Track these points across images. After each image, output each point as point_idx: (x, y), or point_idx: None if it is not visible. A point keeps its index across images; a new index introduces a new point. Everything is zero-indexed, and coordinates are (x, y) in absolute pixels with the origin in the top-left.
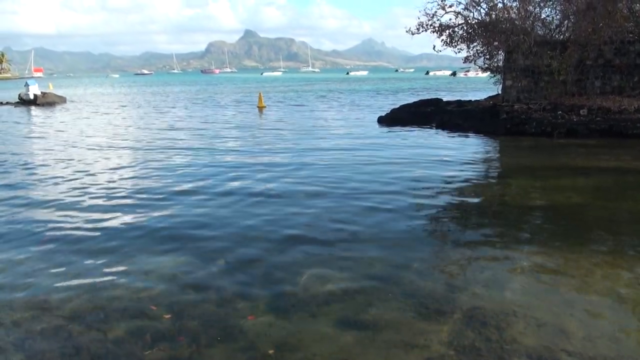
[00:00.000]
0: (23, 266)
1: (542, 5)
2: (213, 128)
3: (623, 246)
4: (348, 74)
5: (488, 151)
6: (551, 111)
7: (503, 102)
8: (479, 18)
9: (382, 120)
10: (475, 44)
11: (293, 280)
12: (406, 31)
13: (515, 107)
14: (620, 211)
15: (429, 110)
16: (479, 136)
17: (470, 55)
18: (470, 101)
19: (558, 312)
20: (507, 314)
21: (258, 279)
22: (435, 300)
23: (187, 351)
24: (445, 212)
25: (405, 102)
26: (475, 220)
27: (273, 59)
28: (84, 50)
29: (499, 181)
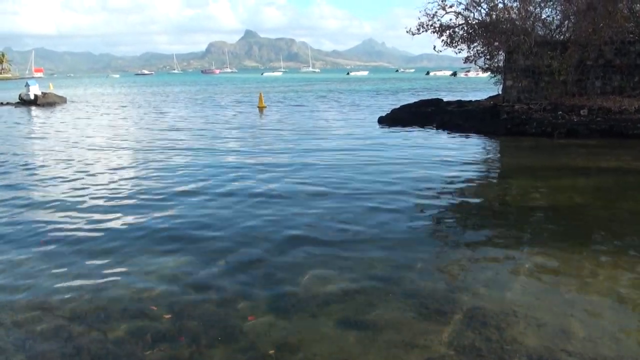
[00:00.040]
0: (24, 267)
1: (543, 5)
2: (213, 128)
3: (624, 246)
4: (348, 74)
5: (488, 151)
6: (551, 111)
7: (503, 103)
8: (480, 18)
9: (383, 121)
10: (475, 44)
11: (294, 281)
12: (407, 31)
13: (516, 108)
14: (621, 211)
15: (429, 110)
16: (480, 136)
17: (470, 56)
18: (470, 101)
19: (558, 313)
20: (508, 314)
21: (259, 280)
22: (436, 301)
23: (188, 351)
24: (446, 213)
25: (405, 103)
26: (476, 220)
27: (273, 59)
28: (85, 51)
29: (500, 181)
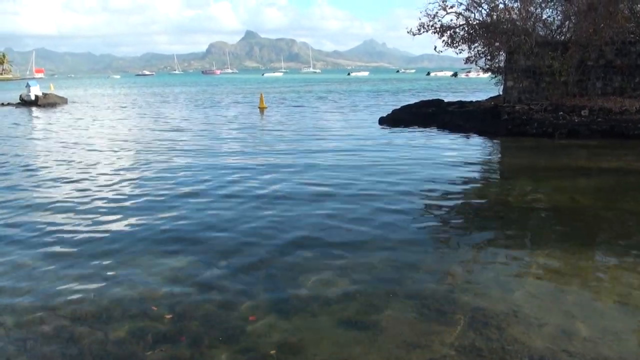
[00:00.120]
0: (25, 268)
1: (544, 6)
2: (214, 129)
3: (625, 247)
4: (349, 74)
5: (489, 152)
6: (552, 112)
7: (504, 103)
8: (480, 19)
9: (384, 121)
10: (476, 44)
11: (295, 281)
12: (407, 32)
13: (517, 108)
14: (622, 212)
15: (430, 111)
16: (481, 137)
17: (471, 56)
18: (471, 102)
19: (560, 313)
20: (509, 314)
21: (260, 280)
22: (437, 301)
23: (189, 352)
24: (448, 214)
25: (406, 103)
26: (478, 221)
27: (274, 59)
28: (85, 51)
29: (501, 182)
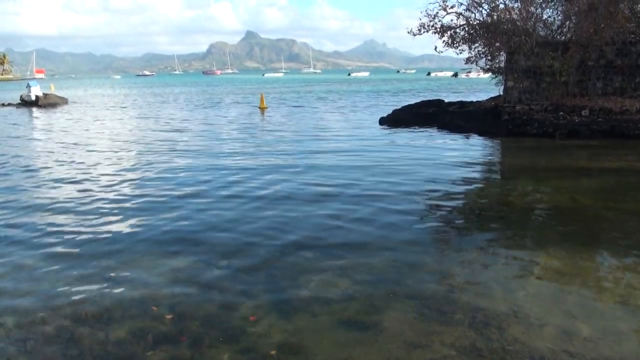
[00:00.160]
0: (26, 269)
1: (544, 6)
2: (215, 129)
3: (626, 247)
4: (350, 75)
5: (490, 152)
6: (553, 112)
7: (505, 103)
8: (481, 19)
9: (384, 122)
10: (476, 45)
11: (296, 281)
12: (408, 32)
13: (517, 108)
14: (623, 212)
15: (430, 111)
16: (481, 137)
17: (472, 56)
18: (472, 102)
19: (560, 313)
20: (509, 314)
21: (261, 281)
22: (437, 301)
23: (189, 352)
24: (449, 214)
25: (407, 103)
26: (478, 221)
27: (274, 60)
28: (86, 52)
29: (502, 182)
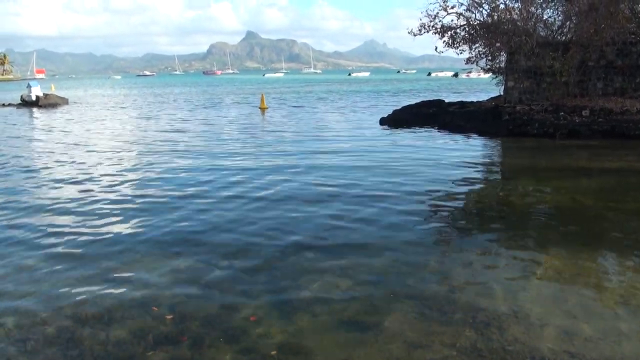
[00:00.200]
0: (26, 270)
1: (544, 6)
2: (215, 130)
3: (627, 247)
4: (350, 75)
5: (491, 152)
6: (553, 112)
7: (505, 103)
8: (481, 19)
9: (385, 122)
10: (477, 45)
11: (296, 282)
12: (408, 32)
13: (518, 109)
14: (624, 212)
15: (431, 111)
16: (481, 137)
17: (472, 57)
18: (472, 102)
19: (561, 314)
20: (509, 315)
21: (261, 281)
22: (438, 302)
23: (190, 352)
24: (450, 214)
25: (407, 103)
26: (479, 221)
27: (275, 60)
28: (86, 52)
29: (502, 182)
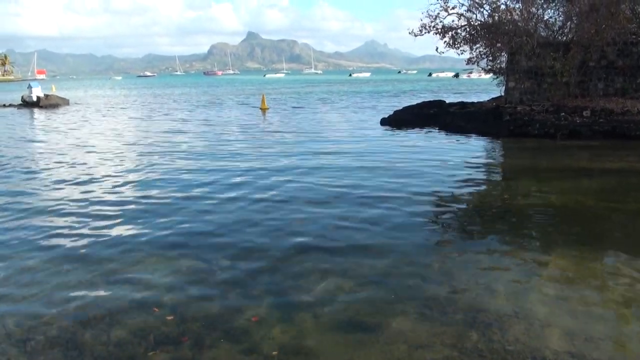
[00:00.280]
0: (27, 271)
1: (545, 6)
2: (216, 131)
3: (628, 247)
4: (351, 75)
5: (491, 153)
6: (554, 113)
7: (506, 104)
8: (482, 20)
9: (386, 122)
10: (478, 45)
11: (297, 283)
12: (409, 33)
13: (518, 109)
14: (625, 213)
15: (432, 112)
16: (482, 138)
17: (473, 57)
18: (473, 103)
19: (563, 314)
20: (510, 315)
21: (263, 282)
22: (439, 302)
23: (191, 352)
24: (451, 215)
25: (408, 104)
26: (480, 222)
27: (275, 60)
28: (87, 53)
29: (504, 183)
